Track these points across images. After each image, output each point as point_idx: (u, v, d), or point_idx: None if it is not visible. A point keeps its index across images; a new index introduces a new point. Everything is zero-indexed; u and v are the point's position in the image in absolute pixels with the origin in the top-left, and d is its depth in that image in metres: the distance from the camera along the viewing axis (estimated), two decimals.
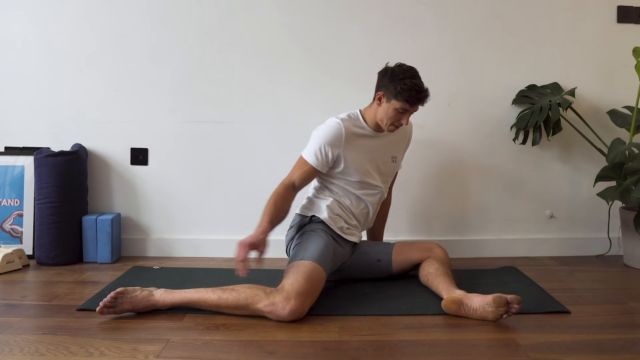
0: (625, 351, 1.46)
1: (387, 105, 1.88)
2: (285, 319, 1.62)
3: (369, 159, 1.97)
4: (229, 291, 1.68)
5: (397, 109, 1.85)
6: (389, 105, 1.87)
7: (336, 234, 1.94)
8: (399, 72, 1.85)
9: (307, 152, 1.92)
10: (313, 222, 1.94)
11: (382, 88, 1.89)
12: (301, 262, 1.75)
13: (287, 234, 2.03)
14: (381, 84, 1.91)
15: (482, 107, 2.50)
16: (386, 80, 1.88)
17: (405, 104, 1.84)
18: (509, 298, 1.63)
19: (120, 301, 1.67)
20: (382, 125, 1.92)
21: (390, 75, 1.86)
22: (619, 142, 2.29)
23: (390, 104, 1.86)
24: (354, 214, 2.00)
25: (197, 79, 2.46)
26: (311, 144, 1.93)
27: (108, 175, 2.50)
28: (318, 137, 1.92)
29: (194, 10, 2.44)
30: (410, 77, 1.84)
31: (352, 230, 2.00)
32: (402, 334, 1.58)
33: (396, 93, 1.83)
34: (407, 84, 1.82)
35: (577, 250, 2.54)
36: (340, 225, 1.96)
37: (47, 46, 2.44)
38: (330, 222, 1.93)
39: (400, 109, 1.85)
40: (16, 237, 2.41)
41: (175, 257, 2.48)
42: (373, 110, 1.95)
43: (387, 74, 1.88)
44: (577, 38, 2.49)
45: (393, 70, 1.88)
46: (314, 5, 2.44)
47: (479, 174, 2.53)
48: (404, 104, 1.84)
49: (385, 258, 2.05)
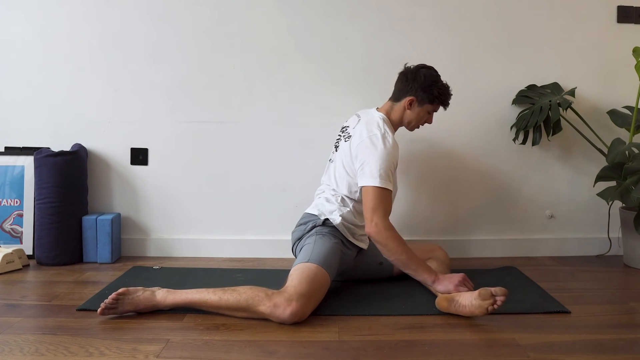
0: (625, 351, 1.47)
1: (419, 109, 1.97)
2: (286, 321, 1.62)
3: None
4: (230, 292, 1.67)
5: (430, 111, 2.00)
6: (421, 109, 1.97)
7: (346, 239, 1.93)
8: (430, 77, 1.95)
9: (383, 180, 1.80)
10: (325, 226, 1.91)
11: (413, 93, 1.95)
12: (307, 264, 1.74)
13: (295, 231, 1.98)
14: (411, 89, 1.96)
15: (482, 107, 2.50)
16: (416, 85, 1.95)
17: (439, 106, 2.00)
18: (493, 290, 1.62)
19: (122, 302, 1.66)
20: (410, 126, 2.03)
21: (424, 81, 1.94)
22: (619, 142, 2.29)
23: (423, 108, 1.97)
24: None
25: (197, 79, 2.46)
26: (382, 167, 1.81)
27: (108, 175, 2.50)
28: (386, 158, 1.82)
29: (194, 10, 2.44)
30: (441, 82, 1.97)
31: (363, 237, 1.99)
32: (402, 334, 1.58)
33: (432, 98, 1.95)
34: (442, 89, 1.96)
35: (577, 250, 2.54)
36: (353, 233, 1.95)
37: (47, 46, 2.44)
38: (343, 229, 1.92)
39: (432, 111, 2.01)
40: (16, 237, 2.41)
41: (175, 257, 2.48)
42: (399, 114, 2.00)
43: (418, 78, 1.94)
44: (577, 38, 2.49)
45: (425, 75, 1.95)
46: (314, 6, 2.44)
47: (479, 174, 2.53)
48: (436, 107, 2.00)
49: (387, 261, 2.04)
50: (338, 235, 1.91)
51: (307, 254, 1.79)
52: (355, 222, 1.95)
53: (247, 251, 2.49)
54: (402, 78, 2.00)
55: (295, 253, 1.98)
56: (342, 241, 1.91)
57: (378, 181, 1.80)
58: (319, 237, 1.86)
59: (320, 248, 1.81)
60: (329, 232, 1.89)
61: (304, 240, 1.91)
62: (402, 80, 1.99)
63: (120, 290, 1.67)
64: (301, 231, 1.95)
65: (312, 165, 2.45)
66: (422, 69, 1.97)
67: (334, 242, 1.87)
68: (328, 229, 1.90)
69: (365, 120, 1.98)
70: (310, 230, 1.91)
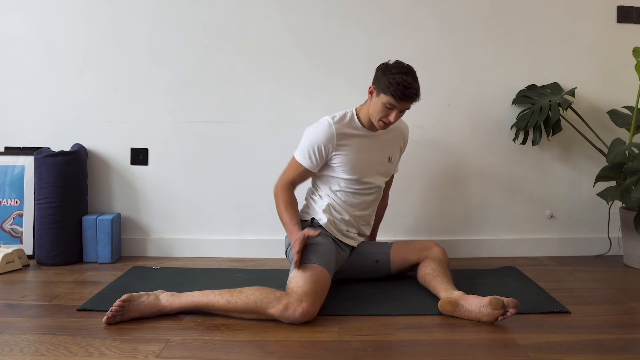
0: (625, 351, 1.46)
1: (376, 100, 1.85)
2: (298, 321, 1.62)
3: (365, 158, 1.96)
4: (237, 294, 1.66)
5: (385, 103, 1.82)
6: (378, 99, 1.85)
7: (336, 238, 1.94)
8: (392, 67, 1.83)
9: (299, 153, 1.94)
10: (313, 226, 1.93)
11: (375, 82, 1.88)
12: (306, 265, 1.74)
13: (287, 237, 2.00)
14: (374, 78, 1.89)
15: (482, 107, 2.50)
16: (379, 73, 1.86)
17: (391, 98, 1.80)
18: (505, 301, 1.61)
19: (128, 309, 1.65)
20: (373, 120, 1.89)
21: (384, 70, 1.84)
22: (619, 142, 2.29)
23: (379, 98, 1.84)
24: (350, 214, 1.98)
25: (197, 79, 2.46)
26: (303, 144, 1.94)
27: (108, 175, 2.50)
28: (309, 138, 1.93)
29: (193, 10, 2.44)
30: (401, 73, 1.80)
31: (351, 234, 2.00)
32: (402, 334, 1.58)
33: (385, 87, 1.80)
34: (396, 79, 1.78)
35: (577, 250, 2.54)
36: (340, 229, 1.96)
37: (47, 46, 2.44)
38: (330, 227, 1.93)
39: (387, 104, 1.82)
40: (16, 237, 2.41)
41: (175, 257, 2.48)
42: (366, 106, 1.94)
43: (382, 68, 1.87)
44: (577, 38, 2.49)
45: (387, 65, 1.86)
46: (314, 6, 2.44)
47: (479, 174, 2.53)
48: (390, 99, 1.80)
49: (384, 258, 2.05)
50: (329, 235, 1.92)
51: (304, 255, 1.78)
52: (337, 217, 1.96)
53: (247, 251, 2.49)
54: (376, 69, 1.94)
55: (288, 256, 1.98)
56: (334, 240, 1.93)
57: (296, 152, 1.96)
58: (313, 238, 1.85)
59: (316, 248, 1.82)
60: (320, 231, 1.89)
61: None
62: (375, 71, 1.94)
63: (124, 297, 1.65)
64: None
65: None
66: (394, 62, 1.87)
67: (327, 242, 1.88)
68: (318, 228, 1.91)
69: None
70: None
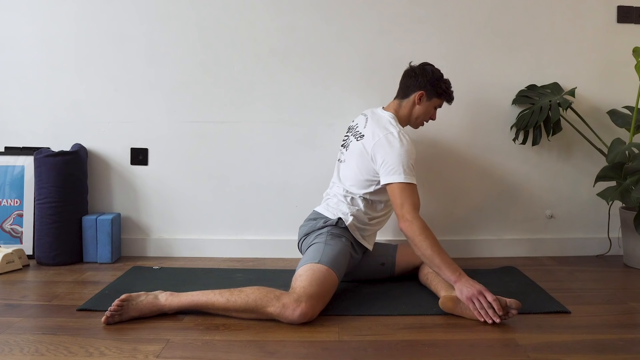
0: (625, 351, 1.46)
1: (427, 104, 2.03)
2: (295, 321, 1.61)
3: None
4: (237, 294, 1.65)
5: (436, 106, 2.06)
6: (429, 103, 2.03)
7: (355, 240, 1.92)
8: (437, 72, 2.03)
9: (408, 174, 1.82)
10: (338, 226, 1.90)
11: (422, 87, 2.00)
12: (317, 265, 1.72)
13: (304, 226, 1.97)
14: (420, 83, 2.01)
15: (482, 107, 2.50)
16: (424, 80, 2.00)
17: (444, 101, 2.06)
18: (507, 302, 1.62)
19: (126, 308, 1.64)
20: (416, 122, 2.07)
21: (432, 76, 2.01)
22: (619, 142, 2.29)
23: (431, 102, 2.03)
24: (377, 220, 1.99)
25: (197, 79, 2.46)
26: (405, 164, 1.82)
27: (108, 175, 2.50)
28: (407, 154, 1.84)
29: (193, 10, 2.43)
30: (445, 78, 2.05)
31: (370, 238, 2.00)
32: (402, 334, 1.58)
33: (440, 92, 2.02)
34: (447, 84, 2.04)
35: (577, 250, 2.54)
36: (362, 233, 1.95)
37: (47, 46, 2.44)
38: (354, 229, 1.91)
39: (438, 106, 2.07)
40: (16, 237, 2.41)
41: (175, 257, 2.48)
42: (408, 110, 2.04)
43: (426, 73, 2.01)
44: (577, 38, 2.49)
45: (432, 70, 2.03)
46: (313, 6, 2.44)
47: (479, 174, 2.53)
48: (442, 101, 2.06)
49: (389, 261, 2.05)
50: (349, 236, 1.90)
51: (317, 254, 1.77)
52: (365, 222, 1.95)
53: (247, 251, 2.49)
54: (409, 74, 2.05)
55: (301, 248, 1.97)
56: (352, 243, 1.91)
57: (402, 177, 1.81)
58: (330, 238, 1.85)
59: (331, 249, 1.80)
60: (341, 233, 1.88)
61: (313, 238, 1.89)
62: (410, 76, 2.04)
63: (123, 297, 1.65)
64: (311, 227, 1.93)
65: (312, 165, 2.46)
66: (427, 65, 2.05)
67: (345, 245, 1.86)
68: (340, 230, 1.89)
69: (375, 119, 1.98)
70: (322, 228, 1.89)
